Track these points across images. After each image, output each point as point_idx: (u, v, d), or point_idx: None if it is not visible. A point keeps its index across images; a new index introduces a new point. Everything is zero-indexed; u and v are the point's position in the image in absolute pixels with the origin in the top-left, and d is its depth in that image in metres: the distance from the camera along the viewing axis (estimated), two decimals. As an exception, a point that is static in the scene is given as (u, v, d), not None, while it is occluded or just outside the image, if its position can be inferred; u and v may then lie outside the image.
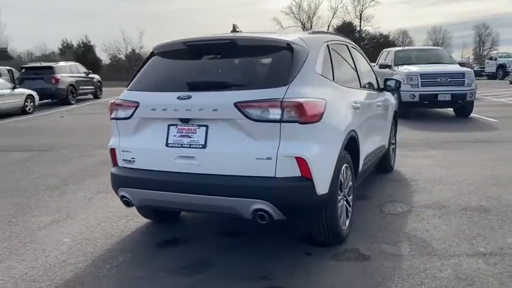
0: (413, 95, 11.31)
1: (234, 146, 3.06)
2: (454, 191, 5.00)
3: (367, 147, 4.32)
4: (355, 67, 4.48)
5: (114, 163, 3.58)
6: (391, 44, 46.73)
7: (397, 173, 5.93)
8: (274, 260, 3.37)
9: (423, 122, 11.10)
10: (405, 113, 11.69)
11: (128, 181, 3.39)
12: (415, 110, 12.27)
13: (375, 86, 5.26)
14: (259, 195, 2.99)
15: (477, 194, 4.86)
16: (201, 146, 3.13)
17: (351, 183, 3.79)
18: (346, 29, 53.45)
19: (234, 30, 3.80)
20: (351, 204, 3.82)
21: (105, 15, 77.87)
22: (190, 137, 3.16)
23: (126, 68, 45.01)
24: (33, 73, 17.69)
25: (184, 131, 3.19)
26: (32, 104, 15.39)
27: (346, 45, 4.48)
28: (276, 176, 3.01)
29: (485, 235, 3.73)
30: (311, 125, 3.05)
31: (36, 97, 15.75)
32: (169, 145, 3.22)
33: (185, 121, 3.18)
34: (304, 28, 52.18)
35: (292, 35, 3.48)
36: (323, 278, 3.05)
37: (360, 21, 55.89)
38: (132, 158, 3.41)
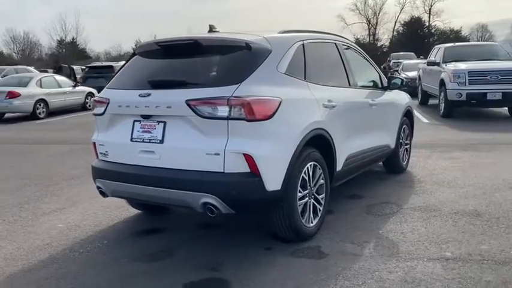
0: (460, 93, 10.74)
1: (187, 142, 3.20)
2: (456, 195, 4.78)
3: (351, 146, 4.26)
4: (344, 65, 4.43)
5: (96, 156, 3.86)
6: (463, 40, 44.24)
7: (407, 174, 5.75)
8: (233, 252, 3.48)
9: (468, 121, 10.54)
10: (452, 112, 11.18)
11: (102, 173, 3.65)
12: (468, 110, 11.68)
13: (378, 84, 5.16)
14: (208, 189, 3.11)
15: (480, 199, 4.62)
16: (159, 141, 3.31)
17: (322, 181, 3.78)
18: (414, 25, 51.41)
19: (211, 30, 3.93)
20: (323, 202, 3.82)
21: (175, 15, 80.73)
22: (151, 133, 3.35)
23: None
24: (96, 72, 18.93)
25: (146, 126, 3.39)
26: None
27: (334, 44, 4.44)
28: (225, 172, 3.11)
29: (461, 240, 3.57)
30: (260, 123, 3.12)
31: (97, 94, 16.81)
32: (133, 140, 3.44)
33: (146, 117, 3.38)
34: (369, 24, 50.78)
35: (257, 35, 3.55)
36: (268, 273, 3.11)
37: (429, 17, 53.37)
38: (106, 152, 3.67)
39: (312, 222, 3.67)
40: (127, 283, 3.07)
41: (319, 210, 3.78)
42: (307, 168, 3.56)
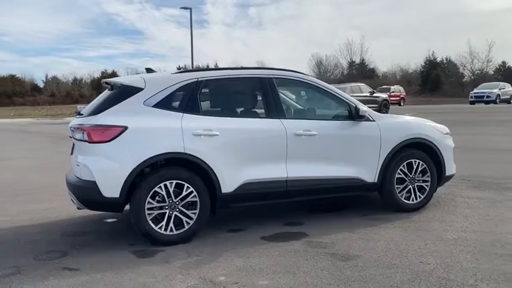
0: None
1: (76, 156, 4.59)
2: (397, 240, 4.32)
3: (253, 173, 4.56)
4: (266, 98, 4.79)
5: None
6: None
7: (406, 214, 5.15)
8: (102, 241, 4.62)
9: None
10: None
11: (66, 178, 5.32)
12: None
13: (337, 115, 5.24)
14: (71, 189, 4.49)
15: (413, 249, 4.09)
16: (70, 154, 4.82)
17: (196, 199, 4.39)
18: None
19: (147, 72, 5.11)
20: (194, 217, 4.39)
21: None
22: (73, 149, 4.87)
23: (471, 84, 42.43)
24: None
25: (72, 143, 4.93)
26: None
27: (259, 79, 4.86)
28: (81, 178, 4.36)
29: (257, 271, 3.70)
30: (98, 145, 4.26)
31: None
32: (72, 154, 5.01)
33: (71, 137, 4.93)
34: None
35: (140, 77, 4.65)
36: (89, 256, 4.16)
37: None
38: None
39: (171, 231, 4.33)
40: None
41: (187, 223, 4.37)
42: (165, 184, 4.30)
